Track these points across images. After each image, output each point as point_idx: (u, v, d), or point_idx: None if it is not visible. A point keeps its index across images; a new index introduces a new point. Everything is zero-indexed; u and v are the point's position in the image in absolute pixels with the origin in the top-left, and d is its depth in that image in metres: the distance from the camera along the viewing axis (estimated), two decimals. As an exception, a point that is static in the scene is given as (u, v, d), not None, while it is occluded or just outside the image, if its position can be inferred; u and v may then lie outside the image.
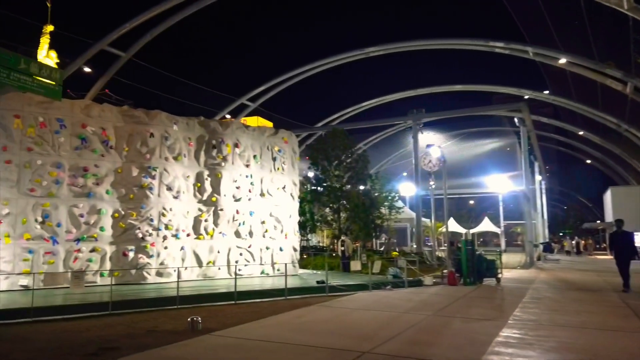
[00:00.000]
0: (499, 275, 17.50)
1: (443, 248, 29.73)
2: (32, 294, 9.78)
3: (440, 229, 33.69)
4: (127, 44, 25.31)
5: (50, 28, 15.05)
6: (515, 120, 31.96)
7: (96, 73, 26.51)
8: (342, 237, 21.20)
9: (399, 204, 29.49)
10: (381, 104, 41.63)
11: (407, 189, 35.43)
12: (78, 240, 14.08)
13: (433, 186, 23.22)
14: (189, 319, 8.67)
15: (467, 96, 40.11)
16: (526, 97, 36.79)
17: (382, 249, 30.97)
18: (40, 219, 13.54)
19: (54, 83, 11.27)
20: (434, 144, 22.50)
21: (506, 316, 10.25)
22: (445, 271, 17.70)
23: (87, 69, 25.93)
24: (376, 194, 26.41)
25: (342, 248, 20.18)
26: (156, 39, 25.48)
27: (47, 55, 15.08)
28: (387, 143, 46.41)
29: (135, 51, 25.68)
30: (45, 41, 14.92)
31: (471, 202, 67.27)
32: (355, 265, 16.79)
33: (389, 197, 27.40)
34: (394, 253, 26.00)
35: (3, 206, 13.04)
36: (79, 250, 14.07)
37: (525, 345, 7.61)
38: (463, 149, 43.38)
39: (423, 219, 30.08)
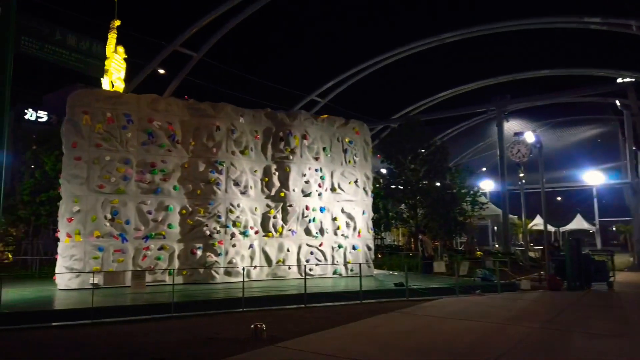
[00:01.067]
0: (611, 279, 14.96)
1: (535, 248, 26.86)
2: (92, 293, 9.26)
3: (529, 227, 30.64)
4: (197, 43, 25.32)
5: (117, 23, 14.89)
6: (617, 103, 28.16)
7: (169, 74, 26.86)
8: (420, 236, 19.46)
9: (482, 199, 27.01)
10: (458, 94, 38.75)
11: (487, 183, 32.64)
12: (146, 237, 13.67)
13: (523, 180, 20.76)
14: (252, 326, 7.63)
15: (554, 83, 36.16)
16: (619, 80, 31.82)
17: (462, 248, 28.64)
18: (109, 216, 13.25)
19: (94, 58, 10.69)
20: (523, 132, 20.10)
21: (638, 331, 8.20)
22: (542, 273, 15.48)
23: (160, 71, 26.32)
24: (456, 189, 24.24)
25: (422, 248, 18.48)
26: (224, 36, 25.25)
27: (115, 51, 14.95)
28: (463, 136, 43.25)
29: (206, 50, 25.63)
30: (113, 36, 14.76)
31: (558, 198, 61.90)
32: (440, 266, 15.07)
33: (471, 192, 25.08)
34: (478, 253, 23.76)
35: (74, 203, 12.91)
36: (147, 248, 13.65)
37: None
38: (551, 140, 39.35)
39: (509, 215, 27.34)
